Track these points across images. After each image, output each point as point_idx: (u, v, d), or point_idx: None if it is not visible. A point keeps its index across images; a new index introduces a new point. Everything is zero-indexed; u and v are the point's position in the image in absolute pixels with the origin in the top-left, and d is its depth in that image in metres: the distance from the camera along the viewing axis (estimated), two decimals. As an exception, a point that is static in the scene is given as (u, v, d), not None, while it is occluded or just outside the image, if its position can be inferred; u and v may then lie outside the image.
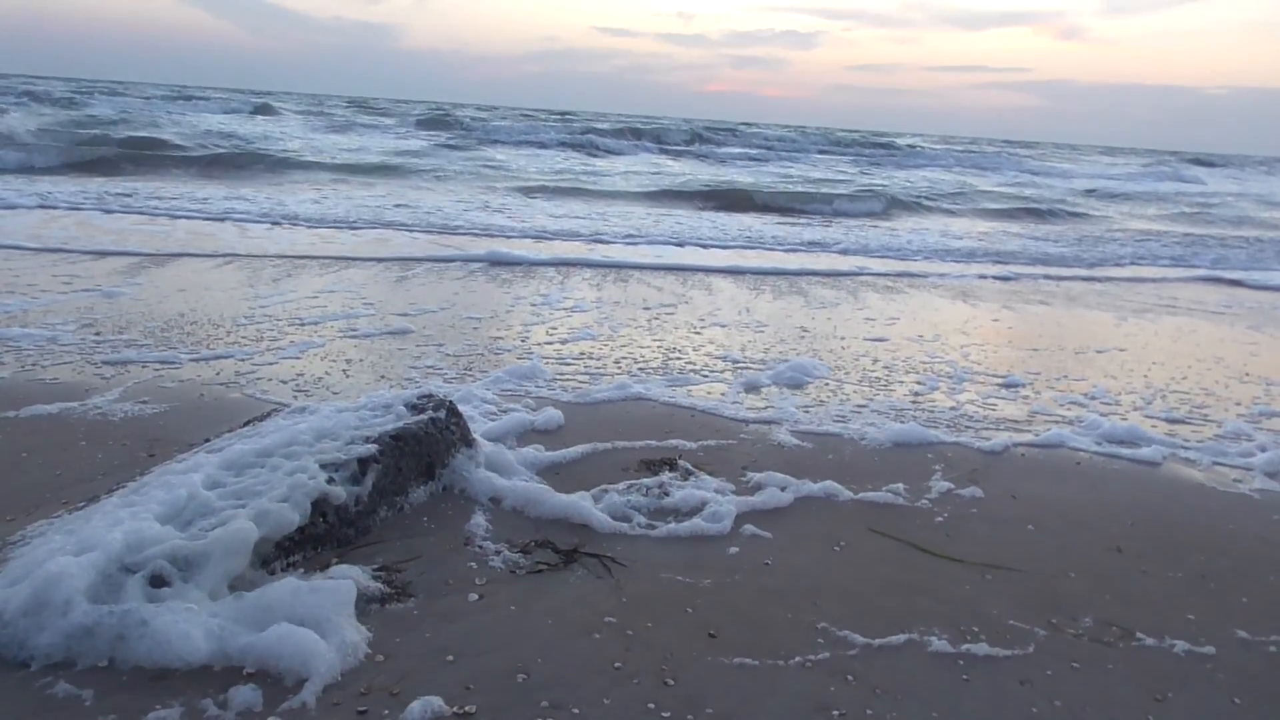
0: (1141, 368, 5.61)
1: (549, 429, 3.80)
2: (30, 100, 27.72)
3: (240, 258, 7.53)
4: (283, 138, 22.94)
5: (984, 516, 3.20)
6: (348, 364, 4.62)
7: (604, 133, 31.19)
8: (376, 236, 9.36)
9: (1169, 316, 7.58)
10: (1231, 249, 13.33)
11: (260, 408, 3.71)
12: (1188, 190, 28.01)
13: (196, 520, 2.41)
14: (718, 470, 3.44)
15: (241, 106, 34.26)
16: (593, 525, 2.91)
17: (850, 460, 3.69)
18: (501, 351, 5.04)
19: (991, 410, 4.49)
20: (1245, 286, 9.75)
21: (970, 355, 5.67)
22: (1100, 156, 49.97)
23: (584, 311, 6.28)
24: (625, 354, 5.16)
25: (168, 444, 3.31)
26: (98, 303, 5.52)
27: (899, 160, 32.18)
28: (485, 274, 7.55)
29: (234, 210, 10.43)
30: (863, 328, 6.32)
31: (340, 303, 6.01)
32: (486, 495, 3.07)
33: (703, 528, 2.94)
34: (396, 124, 31.90)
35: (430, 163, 18.75)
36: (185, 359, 4.49)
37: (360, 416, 3.13)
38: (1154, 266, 11.20)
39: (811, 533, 2.99)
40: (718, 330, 5.97)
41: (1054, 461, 3.83)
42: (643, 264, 8.65)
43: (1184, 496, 3.53)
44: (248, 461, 2.76)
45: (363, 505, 2.76)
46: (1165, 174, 34.72)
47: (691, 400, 4.34)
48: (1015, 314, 7.37)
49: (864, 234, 12.47)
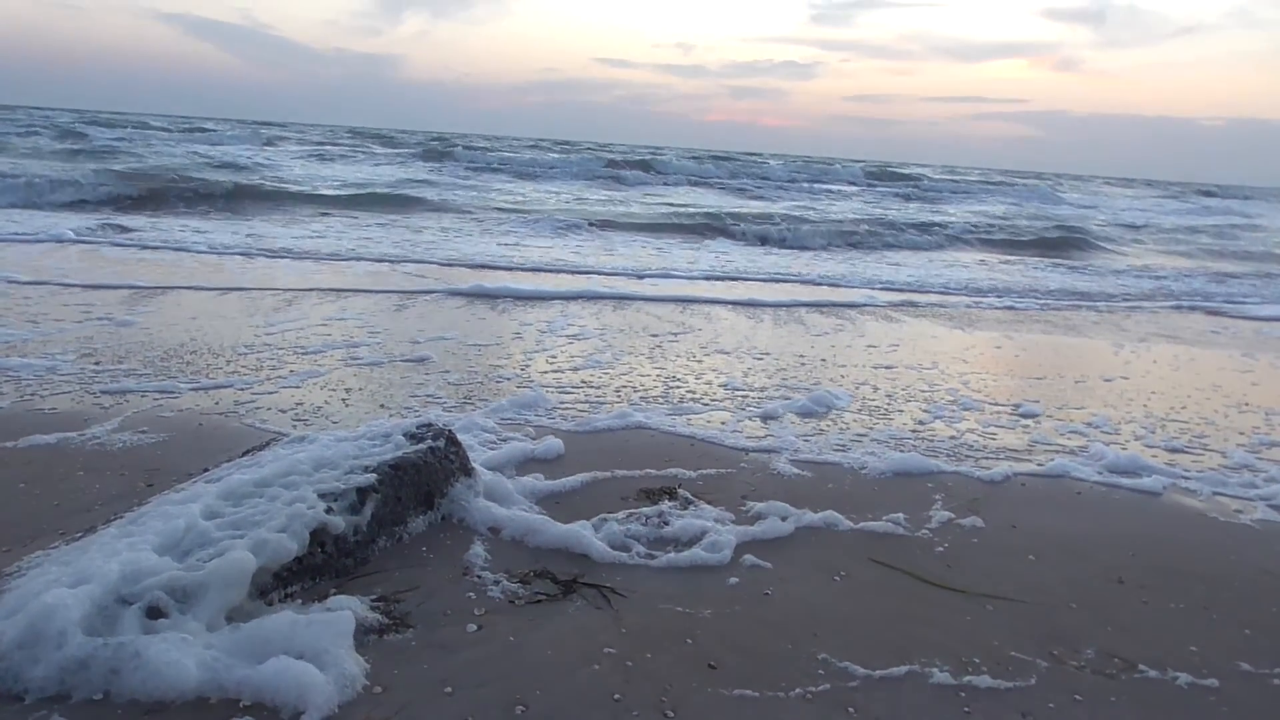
0: (1140, 398, 5.60)
1: (548, 458, 3.79)
2: (64, 135, 27.06)
3: (244, 290, 7.55)
4: (296, 169, 22.96)
5: (985, 546, 3.19)
6: (347, 393, 4.62)
7: (624, 164, 30.95)
8: (369, 269, 9.39)
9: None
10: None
11: (259, 437, 3.71)
12: (1255, 224, 27.43)
13: (194, 551, 2.40)
14: (717, 499, 3.43)
15: (252, 138, 34.22)
16: (592, 555, 2.89)
17: (850, 490, 3.68)
18: (502, 380, 5.05)
19: (991, 439, 4.48)
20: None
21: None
22: (1107, 187, 49.70)
23: (586, 339, 6.29)
24: (624, 382, 5.16)
25: (166, 474, 3.31)
26: (98, 332, 5.52)
27: (929, 191, 31.77)
28: (489, 304, 7.57)
29: (232, 246, 10.46)
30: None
31: (341, 332, 6.02)
32: (486, 525, 3.06)
33: (702, 558, 2.93)
34: (405, 154, 31.71)
35: (467, 196, 18.73)
36: (185, 388, 4.49)
37: (359, 446, 3.13)
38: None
39: (812, 563, 2.98)
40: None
41: (1055, 491, 3.82)
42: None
43: (1185, 527, 3.52)
44: (246, 491, 2.75)
45: (361, 535, 2.75)
46: (1215, 207, 34.26)
47: (691, 429, 4.34)
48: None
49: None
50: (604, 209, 18.15)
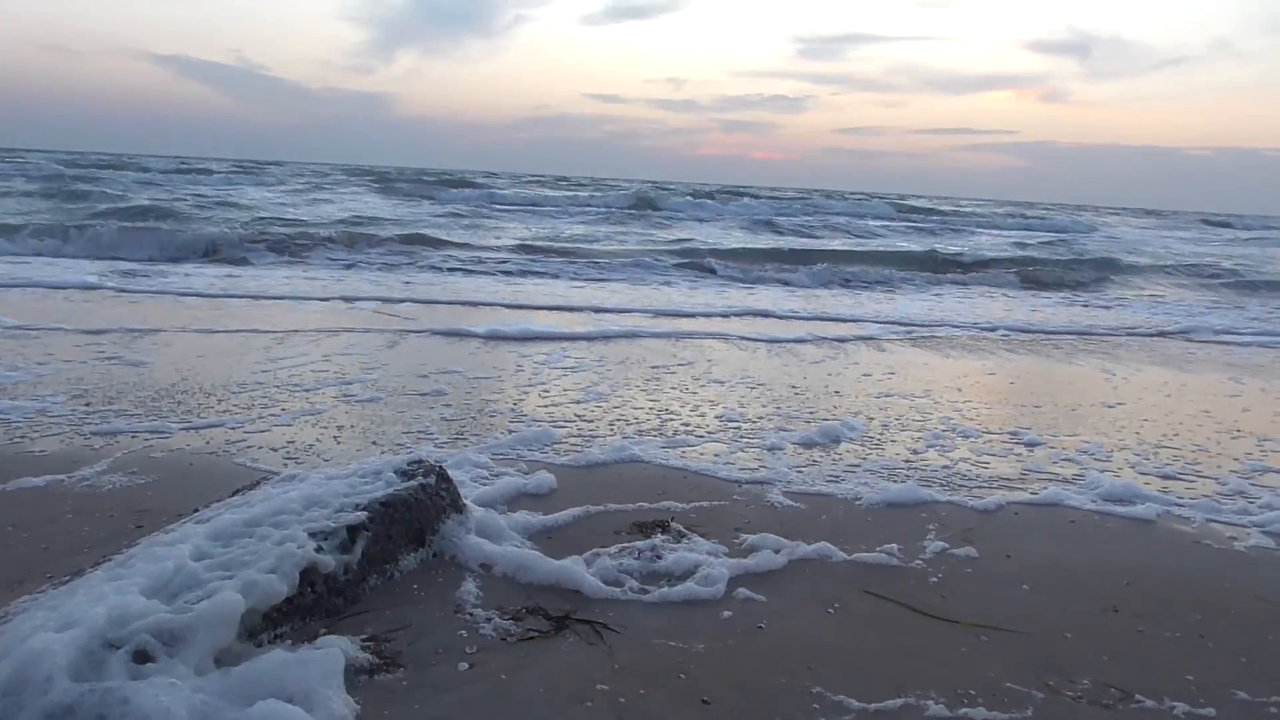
0: (1133, 425, 5.61)
1: (541, 493, 3.78)
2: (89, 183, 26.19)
3: (234, 332, 7.55)
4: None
5: (979, 576, 3.17)
6: (339, 430, 4.61)
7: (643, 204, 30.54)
8: (364, 307, 9.41)
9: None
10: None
11: (250, 476, 3.69)
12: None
13: (183, 593, 2.39)
14: (711, 532, 3.42)
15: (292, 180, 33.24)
16: (584, 590, 2.88)
17: (844, 521, 3.67)
18: (495, 415, 5.04)
19: (984, 468, 4.48)
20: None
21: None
22: (1111, 217, 49.53)
23: (581, 370, 6.29)
24: (618, 415, 5.16)
25: (156, 515, 3.29)
26: (88, 374, 5.51)
27: (952, 224, 31.59)
28: (482, 340, 7.58)
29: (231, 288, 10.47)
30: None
31: (333, 369, 6.01)
32: (477, 561, 3.04)
33: (696, 591, 2.91)
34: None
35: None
36: (176, 428, 4.47)
37: (350, 483, 3.11)
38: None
39: (806, 595, 2.96)
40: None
41: (1048, 520, 3.81)
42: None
43: (1180, 554, 3.51)
44: (236, 531, 2.73)
45: (352, 574, 2.74)
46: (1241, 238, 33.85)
47: (684, 461, 4.33)
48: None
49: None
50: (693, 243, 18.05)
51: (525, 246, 16.72)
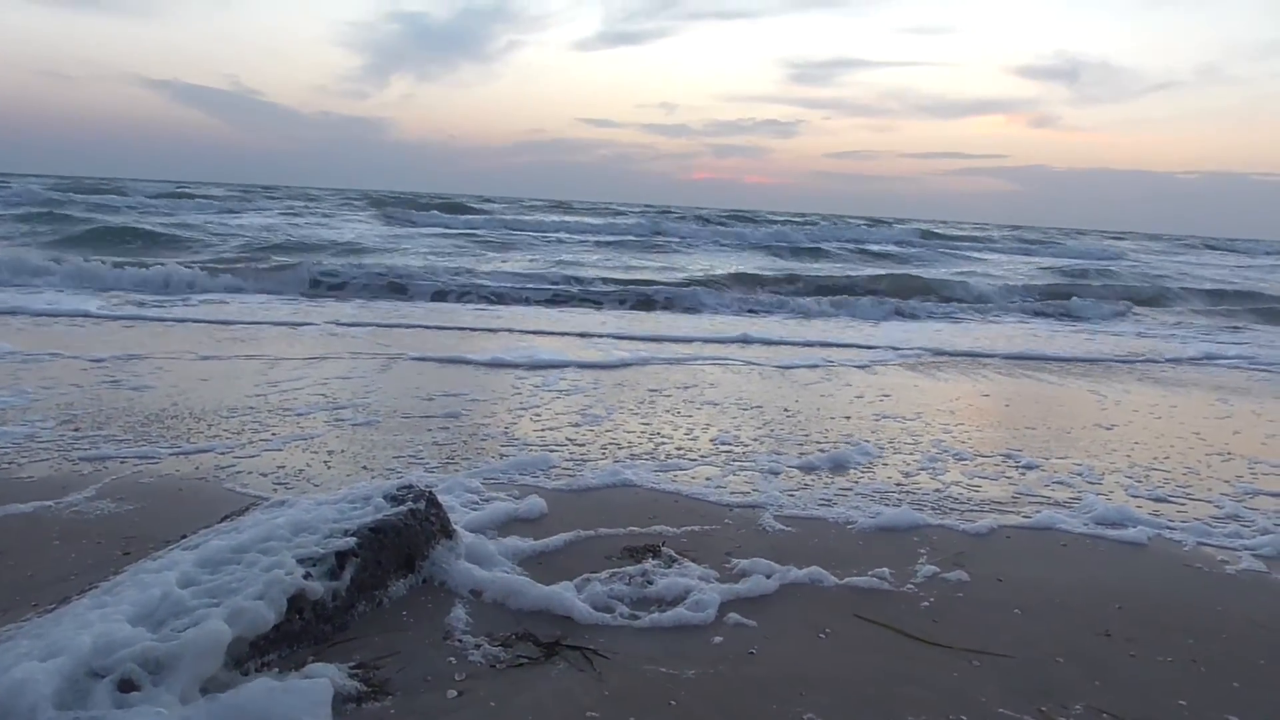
0: (1123, 449, 5.62)
1: (531, 517, 3.76)
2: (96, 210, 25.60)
3: (223, 358, 7.53)
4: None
5: (970, 601, 3.16)
6: (329, 455, 4.59)
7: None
8: (356, 332, 9.39)
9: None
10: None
11: (240, 502, 3.67)
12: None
13: (169, 620, 2.37)
14: (702, 557, 3.41)
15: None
16: (575, 616, 2.86)
17: (835, 545, 3.66)
18: (486, 439, 5.02)
19: (976, 491, 4.48)
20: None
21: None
22: (1117, 242, 49.28)
23: (574, 394, 6.28)
24: (610, 439, 5.15)
25: (144, 541, 3.26)
26: (79, 399, 5.49)
27: (955, 250, 31.36)
28: (474, 365, 7.57)
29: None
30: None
31: (324, 393, 5.99)
32: (467, 587, 3.02)
33: (686, 617, 2.90)
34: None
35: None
36: (165, 454, 4.45)
37: (339, 509, 3.10)
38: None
39: (797, 620, 2.95)
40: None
41: (1040, 543, 3.81)
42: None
43: (1172, 578, 3.51)
44: (224, 558, 2.71)
45: (340, 600, 2.72)
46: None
47: (676, 485, 4.32)
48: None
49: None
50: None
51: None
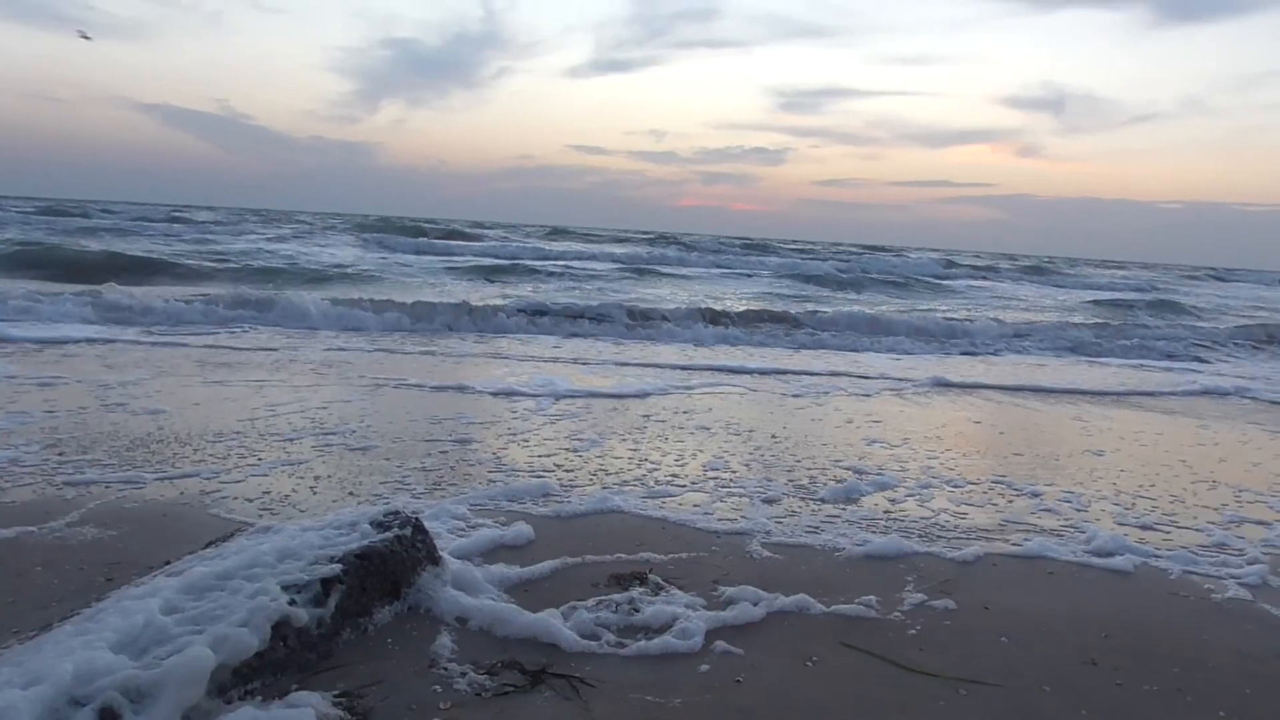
0: (1110, 474, 5.64)
1: (518, 544, 3.75)
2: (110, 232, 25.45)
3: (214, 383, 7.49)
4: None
5: (957, 629, 3.16)
6: (316, 480, 4.57)
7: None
8: (348, 357, 9.35)
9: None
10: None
11: (225, 528, 3.64)
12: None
13: (152, 648, 2.35)
14: (689, 585, 3.40)
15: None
16: (561, 644, 2.85)
17: (822, 572, 3.65)
18: (474, 465, 5.00)
19: (963, 519, 4.48)
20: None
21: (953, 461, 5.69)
22: (1107, 270, 49.29)
23: (561, 421, 6.27)
24: (599, 465, 5.14)
25: (127, 567, 3.24)
26: (64, 423, 5.45)
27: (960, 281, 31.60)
28: (463, 390, 7.55)
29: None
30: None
31: (312, 418, 5.96)
32: (453, 615, 3.01)
33: (673, 645, 2.89)
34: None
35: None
36: (150, 479, 4.42)
37: (325, 535, 3.08)
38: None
39: (784, 648, 2.94)
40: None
41: (1026, 571, 3.81)
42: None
43: (1158, 607, 3.51)
44: (208, 584, 2.69)
45: (325, 628, 2.70)
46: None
47: (663, 512, 4.31)
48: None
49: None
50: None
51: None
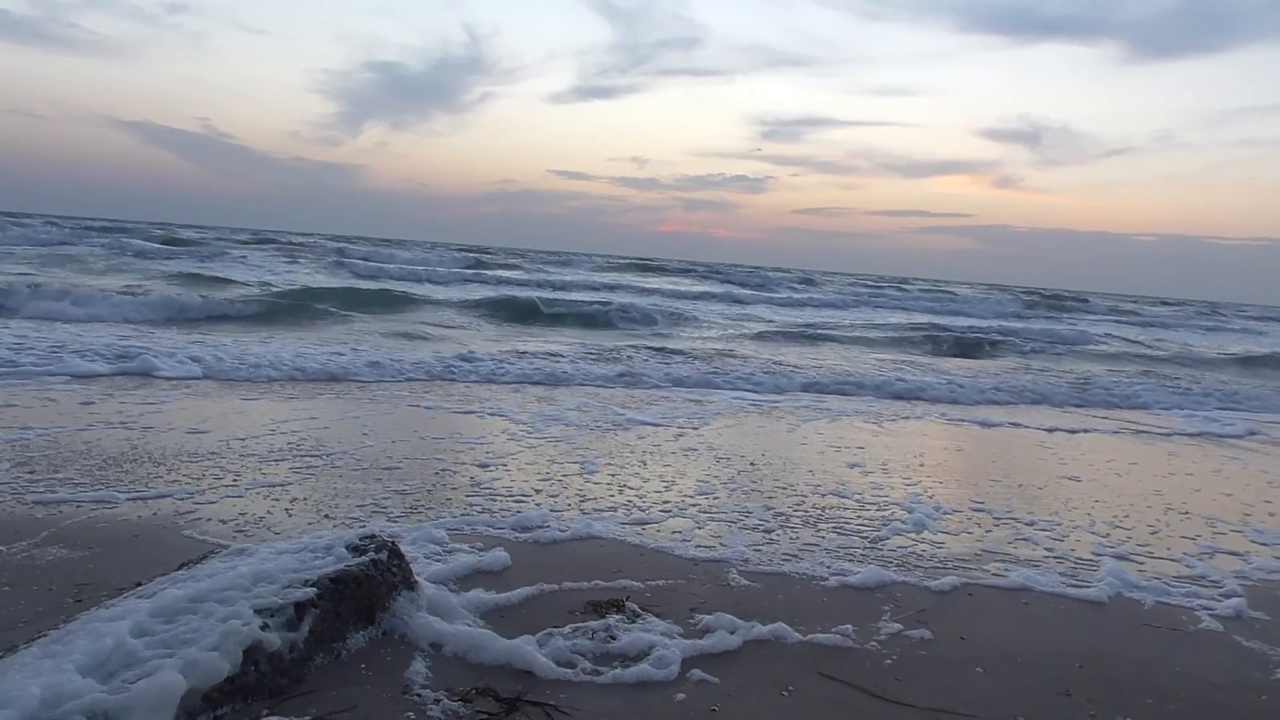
0: (1085, 505, 5.68)
1: (495, 570, 3.72)
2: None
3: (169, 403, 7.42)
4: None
5: (933, 659, 3.17)
6: (291, 502, 4.53)
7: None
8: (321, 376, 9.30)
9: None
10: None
11: (198, 549, 3.61)
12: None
13: (121, 671, 2.32)
14: (666, 612, 3.39)
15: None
16: (536, 671, 2.83)
17: (800, 601, 3.65)
18: (452, 488, 4.98)
19: (939, 548, 4.50)
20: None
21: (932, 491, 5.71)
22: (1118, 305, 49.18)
23: (541, 447, 6.25)
24: (578, 490, 5.13)
25: (97, 589, 3.20)
26: (35, 440, 5.38)
27: (957, 307, 31.64)
28: (439, 411, 7.52)
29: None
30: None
31: (290, 440, 5.92)
32: (428, 640, 2.98)
33: (649, 673, 2.88)
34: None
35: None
36: (122, 498, 4.37)
37: (300, 559, 3.06)
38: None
39: (760, 677, 2.93)
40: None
41: (1001, 601, 3.82)
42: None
43: (1131, 637, 3.53)
44: (180, 607, 2.66)
45: (298, 652, 2.67)
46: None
47: (642, 538, 4.30)
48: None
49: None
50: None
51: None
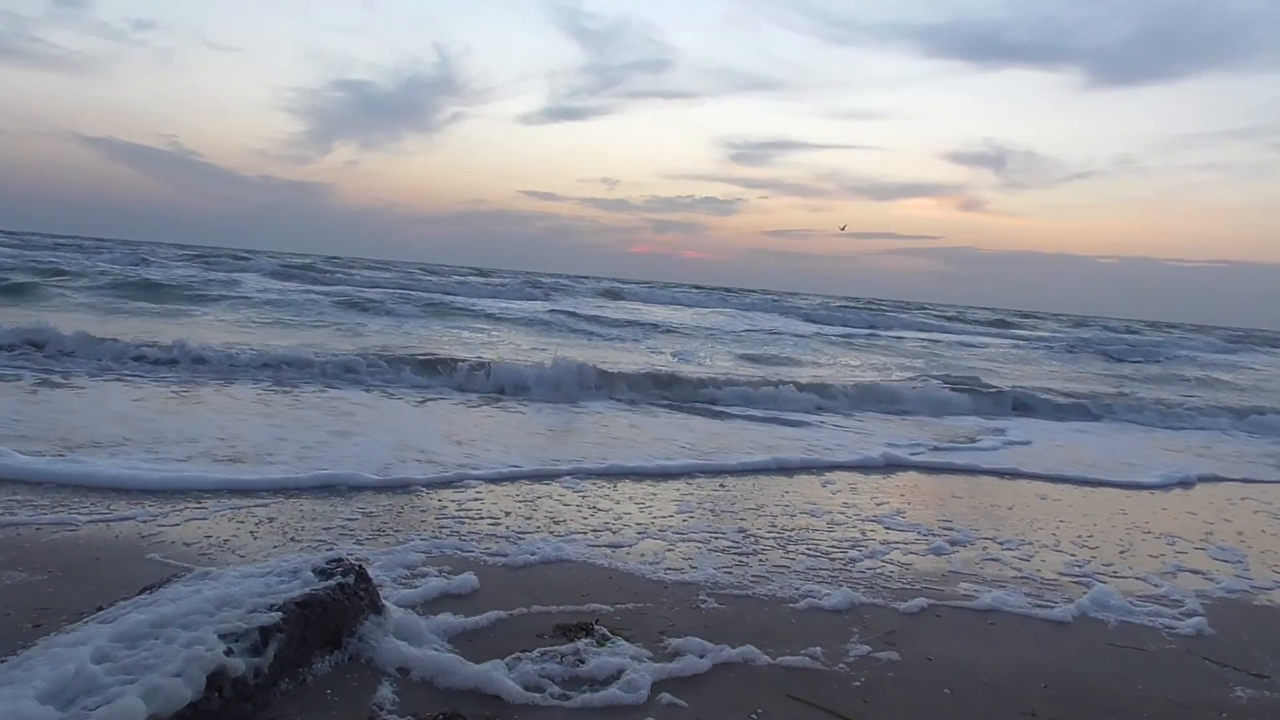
0: (1050, 526, 5.75)
1: (463, 593, 3.70)
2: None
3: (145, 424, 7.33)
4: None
5: (900, 680, 3.18)
6: (257, 525, 4.48)
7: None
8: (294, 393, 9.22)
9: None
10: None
11: (161, 573, 3.55)
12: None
13: (80, 698, 2.27)
14: (636, 635, 3.38)
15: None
16: (504, 696, 2.81)
17: (769, 623, 3.66)
18: (421, 511, 4.95)
19: (907, 570, 4.53)
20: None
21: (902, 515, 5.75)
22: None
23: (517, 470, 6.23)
24: (548, 514, 5.11)
25: (57, 613, 3.14)
26: (-5, 461, 5.28)
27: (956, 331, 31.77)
28: (427, 435, 7.48)
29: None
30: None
31: (257, 459, 5.86)
32: (395, 665, 2.95)
33: (618, 697, 2.87)
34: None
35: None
36: (83, 521, 4.30)
37: (266, 582, 3.02)
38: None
39: (729, 700, 2.93)
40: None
41: (969, 622, 3.85)
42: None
43: (1095, 657, 3.57)
44: (142, 632, 2.62)
45: (263, 678, 2.63)
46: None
47: (611, 561, 4.29)
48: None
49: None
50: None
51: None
